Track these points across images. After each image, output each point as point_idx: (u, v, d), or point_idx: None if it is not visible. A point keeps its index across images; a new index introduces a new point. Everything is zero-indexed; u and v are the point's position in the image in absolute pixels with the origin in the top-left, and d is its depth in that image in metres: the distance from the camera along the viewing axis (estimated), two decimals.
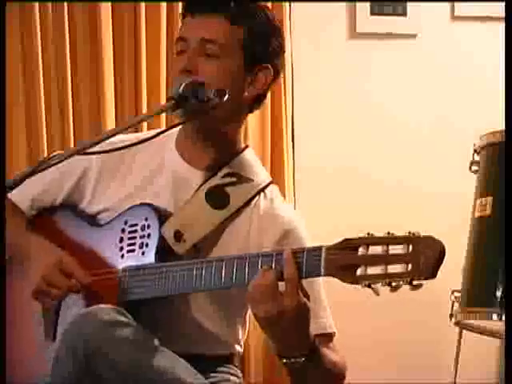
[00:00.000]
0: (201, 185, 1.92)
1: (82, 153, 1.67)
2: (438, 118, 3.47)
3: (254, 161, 2.01)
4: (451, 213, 3.21)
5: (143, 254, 1.86)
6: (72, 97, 3.13)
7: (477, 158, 2.64)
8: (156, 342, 1.70)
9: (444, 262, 1.52)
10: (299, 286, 1.62)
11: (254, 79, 1.92)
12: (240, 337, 2.00)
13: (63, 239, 1.99)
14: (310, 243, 1.87)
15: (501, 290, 2.43)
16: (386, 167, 3.42)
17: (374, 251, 1.53)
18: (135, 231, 1.88)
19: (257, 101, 1.95)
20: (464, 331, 2.73)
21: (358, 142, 3.42)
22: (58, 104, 3.13)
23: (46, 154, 3.03)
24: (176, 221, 1.88)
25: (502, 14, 3.00)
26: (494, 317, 2.44)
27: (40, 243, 1.96)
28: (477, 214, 2.57)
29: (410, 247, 1.49)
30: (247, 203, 1.92)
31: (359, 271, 1.54)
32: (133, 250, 1.87)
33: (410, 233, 1.50)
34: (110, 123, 3.13)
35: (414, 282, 1.49)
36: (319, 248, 1.60)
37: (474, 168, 2.64)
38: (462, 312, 2.58)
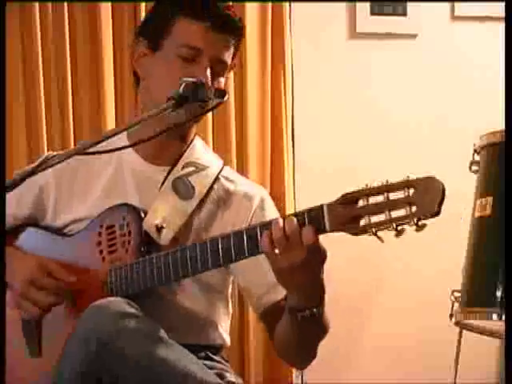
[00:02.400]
0: (164, 179, 1.96)
1: (81, 153, 1.67)
2: (437, 118, 3.46)
3: (204, 147, 2.08)
4: (451, 213, 3.20)
5: (127, 251, 1.87)
6: (72, 97, 3.13)
7: (477, 157, 2.63)
8: (164, 334, 1.70)
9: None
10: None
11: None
12: (225, 324, 2.02)
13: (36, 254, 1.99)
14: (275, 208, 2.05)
15: (501, 290, 2.42)
16: (385, 167, 3.41)
17: (374, 201, 1.54)
18: (113, 232, 1.90)
19: None
20: (464, 331, 2.73)
21: (358, 142, 3.42)
22: (58, 104, 3.13)
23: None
24: (154, 216, 1.91)
25: (502, 14, 3.00)
26: (494, 317, 2.44)
27: (14, 254, 1.96)
28: (477, 214, 2.56)
29: (411, 190, 1.51)
30: (210, 189, 1.98)
31: (363, 221, 1.55)
32: (114, 251, 1.89)
33: (407, 177, 1.52)
34: (110, 123, 3.14)
35: (420, 223, 1.51)
36: (320, 206, 1.60)
37: (474, 168, 2.63)
38: (462, 312, 2.58)
